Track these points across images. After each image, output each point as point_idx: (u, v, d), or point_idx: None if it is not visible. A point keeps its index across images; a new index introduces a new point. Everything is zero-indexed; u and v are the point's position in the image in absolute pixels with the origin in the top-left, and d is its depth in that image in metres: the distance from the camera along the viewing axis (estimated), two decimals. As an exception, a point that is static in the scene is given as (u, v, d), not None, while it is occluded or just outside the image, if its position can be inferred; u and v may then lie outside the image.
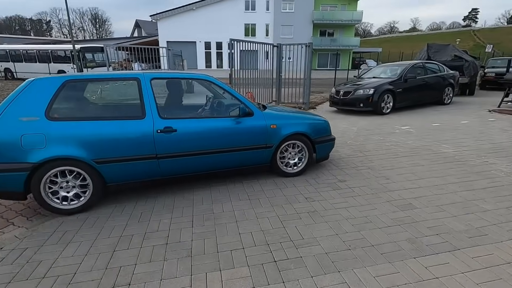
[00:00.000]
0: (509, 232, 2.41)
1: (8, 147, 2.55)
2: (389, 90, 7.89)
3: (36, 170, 2.62)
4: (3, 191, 2.66)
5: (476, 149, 4.68)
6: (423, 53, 11.91)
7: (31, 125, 2.60)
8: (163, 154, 2.98)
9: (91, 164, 2.75)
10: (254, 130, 3.36)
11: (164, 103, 3.43)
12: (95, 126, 2.76)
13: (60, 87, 2.78)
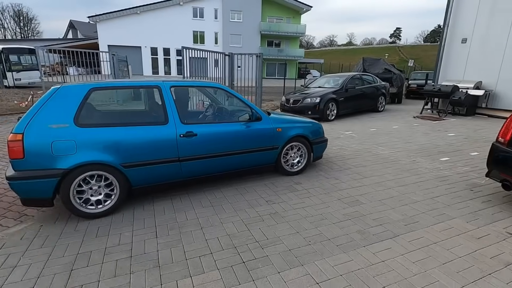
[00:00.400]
0: (435, 218, 2.90)
1: (38, 154, 2.56)
2: (333, 98, 8.64)
3: (66, 176, 2.65)
4: (31, 198, 2.66)
5: (406, 150, 5.43)
6: (360, 65, 13.29)
7: (61, 132, 2.64)
8: (185, 157, 3.17)
9: (118, 169, 2.84)
10: (263, 133, 3.67)
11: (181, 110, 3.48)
12: (121, 132, 2.86)
13: (86, 95, 2.84)
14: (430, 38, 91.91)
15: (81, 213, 2.80)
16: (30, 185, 2.57)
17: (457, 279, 2.04)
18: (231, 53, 9.48)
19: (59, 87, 2.78)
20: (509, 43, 8.52)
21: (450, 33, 10.06)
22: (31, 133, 2.56)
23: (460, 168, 4.41)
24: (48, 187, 2.61)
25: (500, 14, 8.69)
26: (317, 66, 42.34)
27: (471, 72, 9.53)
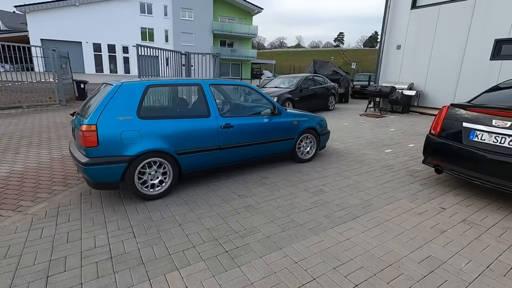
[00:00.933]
0: (385, 200, 3.37)
1: (110, 143, 2.91)
2: (289, 98, 9.13)
3: (132, 162, 3.01)
4: (101, 182, 2.98)
5: (356, 144, 6.05)
6: (311, 67, 14.14)
7: (128, 123, 3.00)
8: (224, 146, 3.65)
9: (173, 155, 3.25)
10: (283, 125, 4.27)
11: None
12: (174, 123, 3.28)
13: (144, 91, 3.21)
14: (369, 43, 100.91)
15: (142, 195, 3.18)
16: (102, 170, 2.90)
17: (407, 247, 2.45)
18: (187, 52, 9.37)
19: (121, 84, 3.12)
20: (434, 51, 9.92)
21: (387, 40, 11.31)
22: (103, 124, 2.89)
23: (401, 158, 5.10)
24: (118, 171, 2.97)
25: (426, 24, 10.07)
26: (269, 67, 43.52)
27: (405, 74, 10.85)
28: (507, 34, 8.24)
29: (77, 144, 3.14)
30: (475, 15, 8.84)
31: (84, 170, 2.88)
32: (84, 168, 2.87)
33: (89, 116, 2.91)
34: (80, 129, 2.88)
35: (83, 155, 2.94)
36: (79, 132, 2.91)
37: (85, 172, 2.90)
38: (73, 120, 3.50)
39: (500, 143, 3.01)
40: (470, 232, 2.70)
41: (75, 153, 3.10)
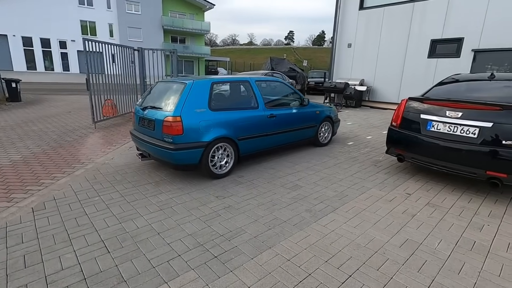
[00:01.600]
0: (358, 190, 3.54)
1: (192, 131, 3.47)
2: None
3: (207, 147, 3.57)
4: (184, 164, 3.54)
5: (320, 138, 6.27)
6: (268, 64, 14.33)
7: (203, 114, 3.59)
8: (269, 132, 4.33)
9: (235, 141, 3.86)
10: (310, 115, 5.06)
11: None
12: (235, 114, 3.90)
13: (211, 86, 3.78)
14: (317, 42, 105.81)
15: (213, 174, 3.76)
16: (186, 154, 3.46)
17: (386, 233, 2.60)
18: (141, 48, 8.78)
19: (192, 82, 3.66)
20: (380, 49, 10.76)
21: (339, 39, 11.95)
22: (186, 116, 3.44)
23: (363, 150, 5.42)
24: (197, 155, 3.53)
25: (372, 25, 10.86)
26: (223, 64, 43.09)
27: (356, 71, 11.60)
28: (440, 35, 9.28)
29: (156, 133, 3.61)
30: (414, 17, 9.79)
31: (171, 155, 3.41)
32: (171, 153, 3.39)
33: (172, 109, 3.46)
34: (166, 120, 3.41)
35: (168, 142, 3.45)
36: (164, 122, 3.43)
37: (172, 156, 3.42)
38: (138, 112, 4.05)
39: (453, 132, 3.36)
40: (436, 214, 2.97)
41: (152, 141, 3.63)
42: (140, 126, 3.98)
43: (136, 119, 4.08)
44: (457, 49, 8.98)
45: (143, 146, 3.84)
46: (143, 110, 3.90)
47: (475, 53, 8.60)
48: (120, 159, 4.64)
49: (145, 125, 3.84)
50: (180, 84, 3.73)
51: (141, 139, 3.84)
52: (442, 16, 9.12)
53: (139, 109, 4.04)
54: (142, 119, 3.92)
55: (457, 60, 8.98)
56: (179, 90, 3.64)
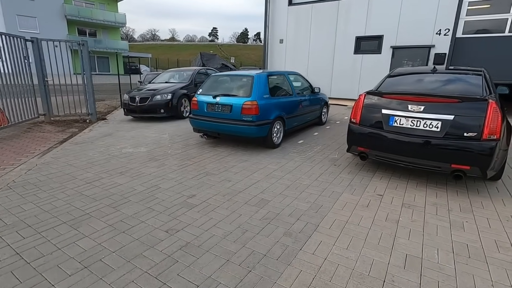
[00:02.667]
0: (330, 198, 3.17)
1: (264, 111, 4.69)
2: (185, 94, 8.15)
3: (272, 123, 4.83)
4: (259, 136, 4.73)
5: (269, 138, 5.85)
6: (198, 60, 13.36)
7: (268, 99, 4.84)
8: (299, 113, 5.79)
9: (284, 119, 5.18)
10: (318, 100, 6.67)
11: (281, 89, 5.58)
12: (282, 99, 5.26)
13: (267, 78, 5.08)
14: (241, 39, 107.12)
15: (273, 144, 5.03)
16: (261, 129, 4.66)
17: (382, 251, 2.25)
18: (35, 38, 6.89)
19: (254, 75, 4.97)
20: (311, 45, 10.99)
21: (270, 34, 11.80)
22: (259, 100, 4.66)
23: (315, 148, 5.19)
24: (266, 129, 4.75)
25: (302, 21, 11.01)
26: (145, 60, 39.55)
27: (289, 67, 11.64)
28: (363, 33, 9.90)
29: (233, 114, 4.68)
30: (339, 15, 10.23)
31: (251, 130, 4.58)
32: (252, 128, 4.57)
33: (249, 95, 4.64)
34: (246, 103, 4.56)
35: (248, 121, 4.58)
36: (243, 106, 4.57)
37: (252, 131, 4.59)
38: (204, 100, 5.03)
39: (416, 126, 3.27)
40: (416, 216, 2.78)
41: (229, 121, 4.74)
42: (210, 111, 4.94)
43: (203, 106, 5.02)
44: (378, 46, 9.72)
45: (213, 126, 4.92)
46: (214, 98, 4.87)
47: (394, 50, 9.44)
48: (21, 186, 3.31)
49: (219, 109, 4.82)
50: (248, 77, 4.97)
51: (212, 121, 4.90)
52: (364, 15, 9.73)
53: (204, 98, 5.05)
54: (212, 105, 4.90)
55: (378, 56, 9.72)
56: (249, 81, 4.85)
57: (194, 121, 5.20)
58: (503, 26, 8.07)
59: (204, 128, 5.16)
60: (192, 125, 5.34)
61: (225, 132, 4.88)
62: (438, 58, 8.73)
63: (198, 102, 5.10)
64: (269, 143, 4.92)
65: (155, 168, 4.05)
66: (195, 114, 5.19)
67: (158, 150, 5.00)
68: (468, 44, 8.54)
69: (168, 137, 5.91)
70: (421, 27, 8.84)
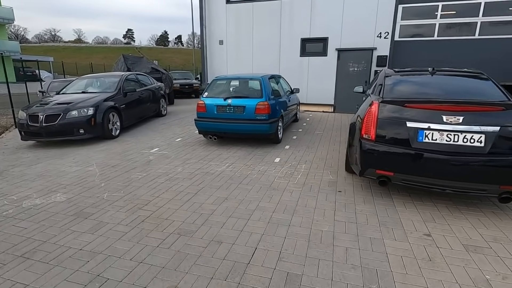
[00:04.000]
0: (378, 251, 2.27)
1: (273, 111, 5.19)
2: (114, 107, 6.32)
3: (277, 120, 5.35)
4: (271, 133, 5.22)
5: (239, 157, 4.72)
6: (121, 64, 11.14)
7: (273, 100, 5.38)
8: (288, 112, 6.36)
9: (283, 115, 5.75)
10: (296, 99, 7.55)
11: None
12: (280, 99, 5.81)
13: (269, 79, 5.74)
14: (161, 42, 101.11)
15: (279, 139, 5.63)
16: (272, 126, 5.13)
17: None
18: None
19: (260, 78, 5.42)
20: (255, 47, 10.18)
21: (208, 35, 10.55)
22: (269, 101, 5.15)
23: (300, 166, 4.30)
24: (275, 127, 5.28)
25: (243, 20, 10.12)
26: (45, 65, 32.99)
27: (232, 71, 10.58)
28: (308, 34, 9.58)
29: (246, 115, 5.11)
30: (283, 15, 9.69)
31: (266, 127, 5.06)
32: (267, 126, 5.05)
33: (260, 96, 5.15)
34: (260, 104, 5.04)
35: (262, 119, 5.06)
36: (257, 106, 5.04)
37: (266, 128, 5.08)
38: (213, 102, 5.37)
39: (454, 141, 2.64)
40: (500, 268, 2.09)
41: (242, 121, 5.15)
42: (220, 113, 5.28)
43: (212, 108, 5.33)
44: (323, 48, 9.51)
45: (225, 126, 5.28)
46: (224, 100, 5.23)
47: (339, 52, 9.35)
48: None
49: (231, 110, 5.21)
50: (255, 79, 5.57)
51: (223, 122, 5.26)
52: (308, 16, 9.40)
53: (213, 101, 5.38)
54: (223, 107, 5.26)
55: (325, 58, 9.52)
56: (257, 83, 5.44)
57: (201, 123, 5.48)
58: (433, 31, 8.71)
59: (214, 130, 5.45)
60: (198, 128, 5.59)
61: (238, 132, 5.33)
62: (380, 60, 8.95)
63: (206, 105, 5.38)
64: (276, 139, 5.46)
65: (87, 236, 2.51)
66: (202, 117, 5.46)
67: (85, 195, 3.35)
68: (404, 46, 8.97)
69: (98, 171, 4.20)
70: (363, 30, 8.93)
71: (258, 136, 5.42)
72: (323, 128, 7.17)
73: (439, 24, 8.64)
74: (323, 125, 7.61)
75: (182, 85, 15.29)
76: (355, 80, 9.37)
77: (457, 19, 8.51)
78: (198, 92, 16.47)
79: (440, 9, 8.51)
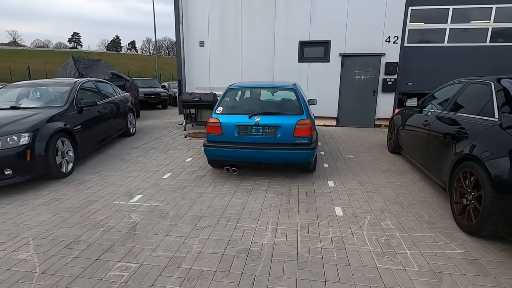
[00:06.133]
0: None
1: (315, 129, 4.01)
2: (65, 130, 4.21)
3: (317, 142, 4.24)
4: (310, 162, 3.90)
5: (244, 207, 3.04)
6: (71, 68, 8.71)
7: (311, 114, 4.26)
8: None
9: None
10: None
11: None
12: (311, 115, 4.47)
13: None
14: (112, 47, 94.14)
15: (315, 164, 4.46)
16: (314, 152, 3.81)
17: None
18: None
19: (293, 87, 4.16)
20: (244, 48, 8.58)
21: (186, 35, 8.68)
22: (310, 117, 3.93)
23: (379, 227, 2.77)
24: (314, 152, 3.93)
25: (229, 18, 8.48)
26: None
27: (216, 77, 8.83)
28: (308, 37, 8.27)
29: (282, 137, 3.73)
30: (278, 13, 8.26)
31: (309, 154, 3.73)
32: (310, 152, 3.72)
33: (300, 112, 3.82)
34: (301, 123, 3.71)
35: (303, 143, 3.73)
36: (297, 126, 3.69)
37: (309, 156, 3.74)
38: (235, 121, 3.91)
39: None
40: None
41: (276, 146, 3.74)
42: (244, 135, 3.83)
43: (232, 129, 3.83)
44: (325, 53, 8.27)
45: (250, 154, 3.76)
46: (250, 118, 3.76)
47: (343, 58, 8.17)
48: None
49: (260, 132, 3.79)
50: (287, 89, 4.23)
51: (247, 147, 3.75)
52: (307, 14, 8.09)
53: (232, 119, 3.85)
54: (249, 127, 3.80)
55: (327, 65, 8.28)
56: (292, 94, 4.08)
57: (215, 150, 3.93)
58: (442, 37, 7.98)
59: (234, 158, 3.93)
60: (209, 156, 4.06)
61: (268, 161, 3.87)
62: (389, 67, 7.94)
63: (223, 125, 3.88)
64: (314, 167, 4.27)
65: None
66: (216, 141, 3.93)
67: None
68: (413, 53, 8.11)
69: (37, 260, 2.20)
70: (370, 33, 7.88)
71: (295, 165, 4.12)
72: (348, 149, 5.79)
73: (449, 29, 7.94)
74: (342, 144, 6.25)
75: (147, 95, 13.08)
76: (362, 90, 8.27)
77: (467, 25, 7.89)
78: (166, 102, 14.34)
79: (451, 13, 7.81)
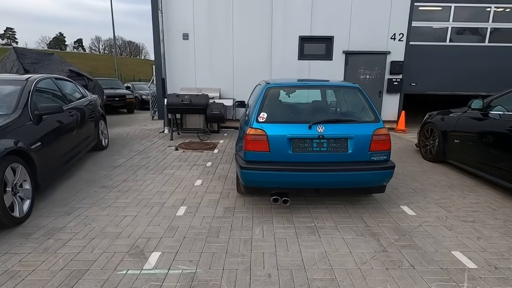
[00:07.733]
0: None
1: None
2: (14, 151, 2.69)
3: None
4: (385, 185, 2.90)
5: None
6: (12, 63, 6.71)
7: None
8: None
9: None
10: None
11: None
12: None
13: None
14: (55, 45, 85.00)
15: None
16: (392, 171, 2.94)
17: None
18: None
19: (355, 85, 3.23)
20: (235, 41, 7.42)
21: (166, 27, 7.21)
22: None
23: None
24: None
25: (220, 8, 7.26)
26: None
27: (204, 76, 7.54)
28: (309, 31, 7.40)
29: (353, 154, 2.74)
30: (276, 3, 7.26)
31: (388, 175, 2.81)
32: (389, 172, 2.82)
33: (374, 120, 2.86)
34: (379, 133, 2.77)
35: (381, 161, 2.82)
36: (374, 137, 2.75)
37: (387, 177, 2.85)
38: (289, 132, 2.78)
39: None
40: None
41: (344, 166, 2.80)
42: (302, 152, 2.74)
43: (285, 144, 2.72)
44: (328, 50, 7.48)
45: (310, 178, 2.71)
46: (309, 128, 2.72)
47: (347, 55, 7.46)
48: None
49: (324, 147, 2.75)
50: (351, 88, 3.22)
51: (306, 169, 2.68)
52: (308, 6, 7.23)
53: (285, 129, 2.75)
54: (308, 140, 2.74)
55: (330, 63, 7.51)
56: (358, 94, 3.09)
57: (260, 174, 2.69)
58: (445, 35, 7.70)
59: (286, 184, 2.76)
60: (247, 182, 2.78)
61: (334, 185, 2.79)
62: (394, 66, 7.42)
63: (271, 138, 2.71)
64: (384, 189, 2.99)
65: None
66: (260, 162, 2.74)
67: None
68: (417, 51, 7.71)
69: None
70: (375, 29, 7.28)
71: (368, 190, 3.03)
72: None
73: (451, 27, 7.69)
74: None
75: (110, 97, 11.18)
76: (367, 91, 7.54)
77: (469, 24, 7.72)
78: (132, 106, 12.49)
79: (452, 10, 7.55)
